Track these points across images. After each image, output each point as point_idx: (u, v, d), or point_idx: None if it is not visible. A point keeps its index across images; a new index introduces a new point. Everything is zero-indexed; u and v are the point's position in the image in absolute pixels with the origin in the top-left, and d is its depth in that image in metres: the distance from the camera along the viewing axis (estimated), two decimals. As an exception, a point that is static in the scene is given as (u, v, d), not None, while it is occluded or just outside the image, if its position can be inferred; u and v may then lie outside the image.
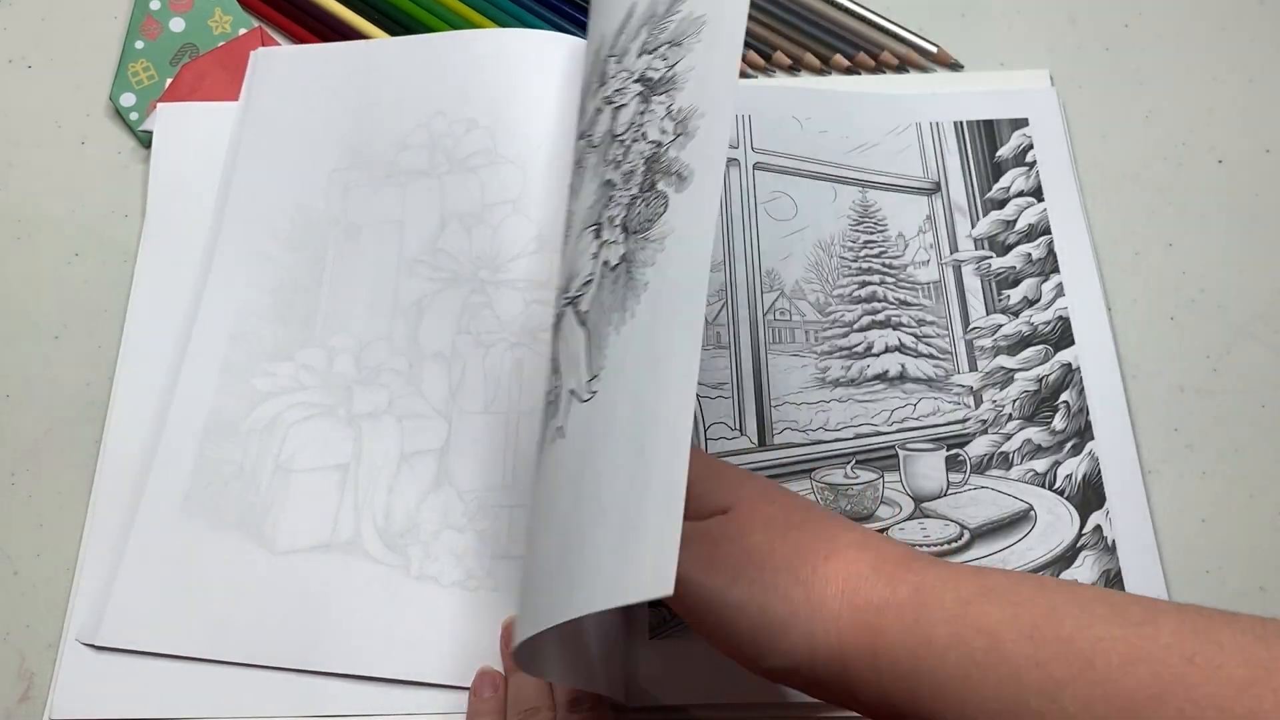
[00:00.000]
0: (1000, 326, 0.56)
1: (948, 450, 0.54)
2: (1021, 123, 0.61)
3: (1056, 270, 0.57)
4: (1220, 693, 0.31)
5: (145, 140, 0.61)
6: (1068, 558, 0.51)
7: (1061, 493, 0.52)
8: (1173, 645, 0.32)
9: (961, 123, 0.61)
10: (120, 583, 0.50)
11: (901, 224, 0.59)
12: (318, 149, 0.60)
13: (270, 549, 0.51)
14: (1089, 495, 0.52)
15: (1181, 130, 0.62)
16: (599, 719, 0.45)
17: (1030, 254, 0.58)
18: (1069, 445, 0.53)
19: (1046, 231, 0.58)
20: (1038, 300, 0.57)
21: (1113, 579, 0.50)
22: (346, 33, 0.64)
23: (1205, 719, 0.31)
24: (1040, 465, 0.53)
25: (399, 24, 0.65)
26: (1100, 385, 0.54)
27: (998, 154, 0.60)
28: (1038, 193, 0.59)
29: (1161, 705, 0.31)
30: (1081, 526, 0.52)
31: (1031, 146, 0.60)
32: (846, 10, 0.65)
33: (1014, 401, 0.54)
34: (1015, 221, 0.59)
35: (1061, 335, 0.56)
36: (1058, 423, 0.54)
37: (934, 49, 0.64)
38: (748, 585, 0.37)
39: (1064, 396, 0.54)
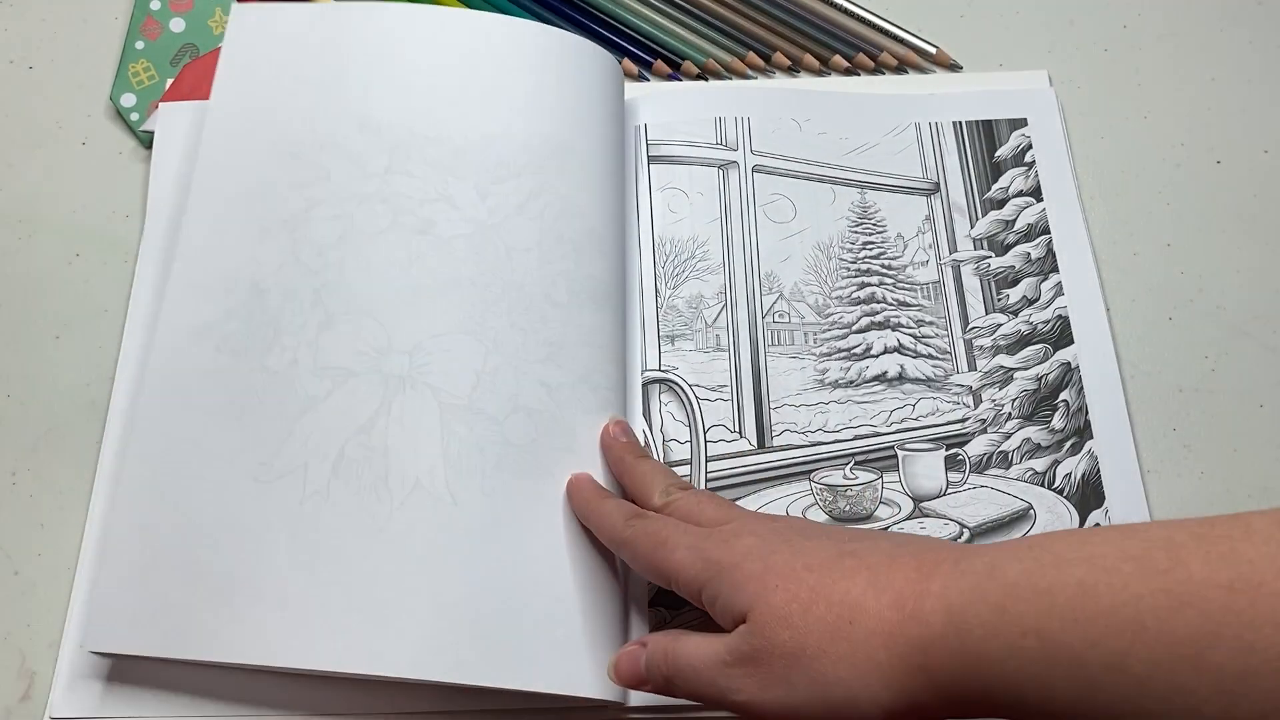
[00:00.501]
0: (999, 326, 0.56)
1: (947, 450, 0.54)
2: (1020, 123, 0.61)
3: (1055, 270, 0.57)
4: (1270, 608, 0.31)
5: (146, 140, 0.62)
6: (1066, 558, 0.51)
7: (1061, 492, 0.53)
8: (1208, 579, 0.32)
9: (960, 123, 0.61)
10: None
11: (900, 225, 0.59)
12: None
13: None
14: (1088, 494, 0.52)
15: (1180, 131, 0.62)
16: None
17: (1029, 254, 0.58)
18: (1068, 444, 0.53)
19: (1045, 231, 0.58)
20: (1037, 299, 0.57)
21: (1111, 579, 0.50)
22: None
23: (1263, 637, 0.31)
24: (1039, 464, 0.53)
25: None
26: (1099, 384, 0.55)
27: (996, 154, 0.61)
28: (1036, 193, 0.59)
29: (1219, 640, 0.31)
30: (1081, 525, 0.52)
31: (1030, 147, 0.60)
32: (846, 11, 0.65)
33: (1013, 401, 0.55)
34: (1014, 221, 0.59)
35: (1060, 334, 0.56)
36: (1057, 422, 0.54)
37: (933, 50, 0.64)
38: (802, 687, 0.38)
39: (1063, 396, 0.54)
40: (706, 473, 0.53)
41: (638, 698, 0.48)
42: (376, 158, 0.55)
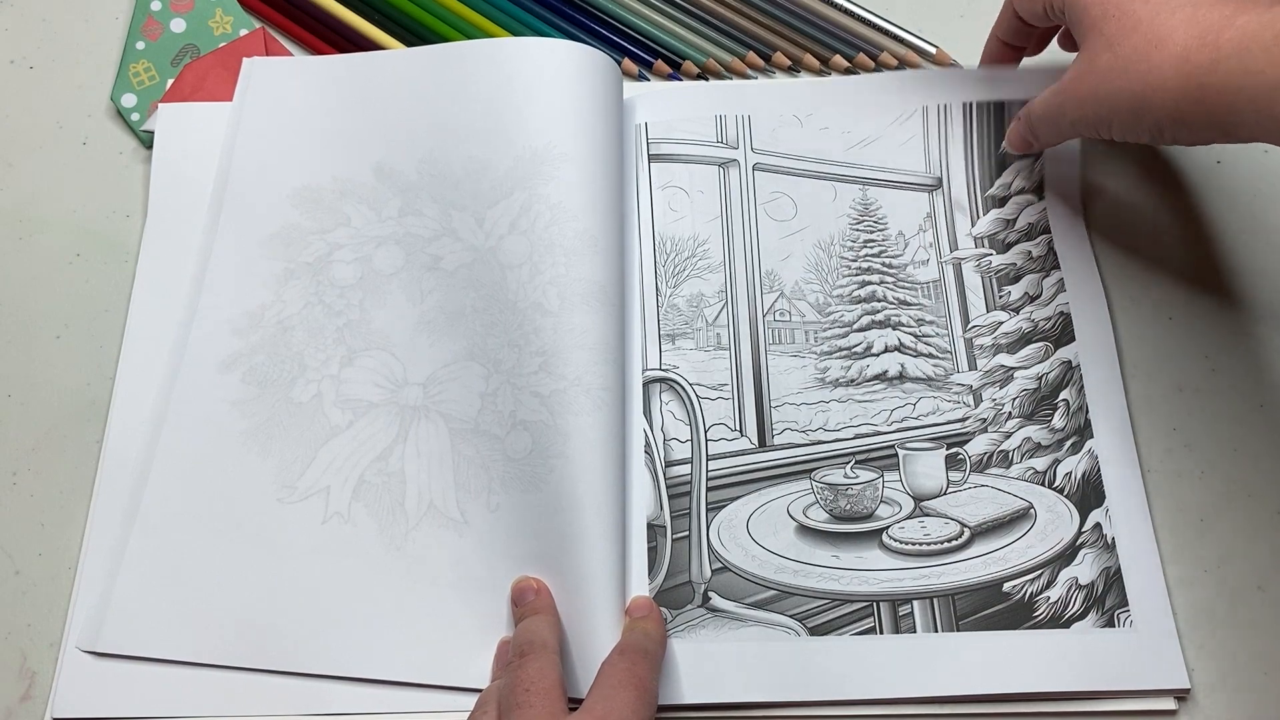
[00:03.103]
0: (1001, 324, 0.56)
1: (947, 449, 0.54)
2: None
3: (1057, 267, 0.57)
4: None
5: (146, 141, 0.62)
6: (1067, 555, 0.51)
7: (1061, 491, 0.53)
8: None
9: (970, 104, 0.61)
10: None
11: (901, 222, 0.59)
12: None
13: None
14: (1088, 493, 0.52)
15: (1180, 130, 0.62)
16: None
17: (1030, 252, 0.58)
18: (1068, 443, 0.53)
19: (1046, 230, 0.58)
20: (1038, 296, 0.57)
21: (1112, 576, 0.50)
22: (345, 32, 0.65)
23: None
24: (1040, 463, 0.53)
25: (395, 23, 0.65)
26: (1100, 383, 0.55)
27: (1001, 147, 0.60)
28: (1039, 190, 0.59)
29: None
30: (1081, 524, 0.52)
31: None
32: (846, 11, 0.65)
33: (1014, 400, 0.55)
34: (1015, 220, 0.59)
35: (1062, 332, 0.56)
36: (1057, 421, 0.54)
37: (933, 50, 0.64)
38: (1108, 97, 0.49)
39: (1064, 394, 0.54)
40: (707, 472, 0.53)
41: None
42: (391, 201, 0.58)
